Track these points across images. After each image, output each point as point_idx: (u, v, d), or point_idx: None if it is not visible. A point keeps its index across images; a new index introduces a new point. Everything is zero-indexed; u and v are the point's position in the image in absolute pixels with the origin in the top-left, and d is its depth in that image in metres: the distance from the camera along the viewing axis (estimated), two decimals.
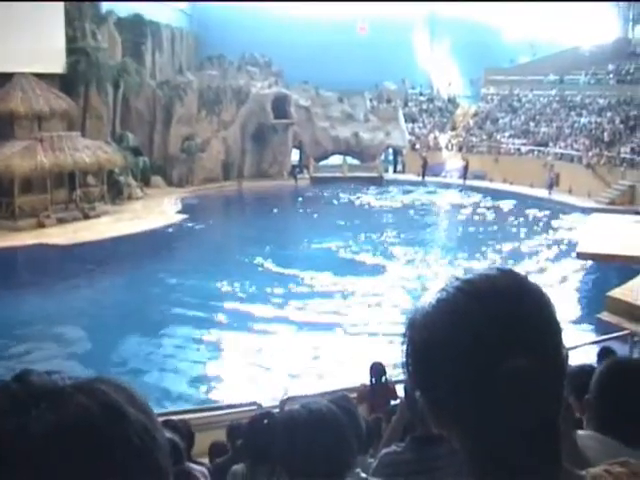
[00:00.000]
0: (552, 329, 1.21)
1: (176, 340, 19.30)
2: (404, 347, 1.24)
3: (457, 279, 1.24)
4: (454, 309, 1.19)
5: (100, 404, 0.89)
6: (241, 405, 10.60)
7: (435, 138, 53.90)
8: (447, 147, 53.11)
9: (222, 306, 21.93)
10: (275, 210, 39.58)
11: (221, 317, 21.17)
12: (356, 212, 38.95)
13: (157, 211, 36.92)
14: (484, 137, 51.90)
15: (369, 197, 44.77)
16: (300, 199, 43.28)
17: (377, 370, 9.79)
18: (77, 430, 0.86)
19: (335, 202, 39.13)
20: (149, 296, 23.13)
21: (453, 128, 55.45)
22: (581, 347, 11.76)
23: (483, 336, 1.15)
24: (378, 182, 49.66)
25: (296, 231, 34.53)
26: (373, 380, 9.78)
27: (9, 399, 0.88)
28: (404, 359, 1.24)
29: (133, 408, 0.91)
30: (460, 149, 51.93)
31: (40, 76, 36.20)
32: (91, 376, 0.92)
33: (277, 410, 7.49)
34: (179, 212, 37.29)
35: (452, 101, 58.88)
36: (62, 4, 37.42)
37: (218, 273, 25.44)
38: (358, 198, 44.00)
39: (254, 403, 10.05)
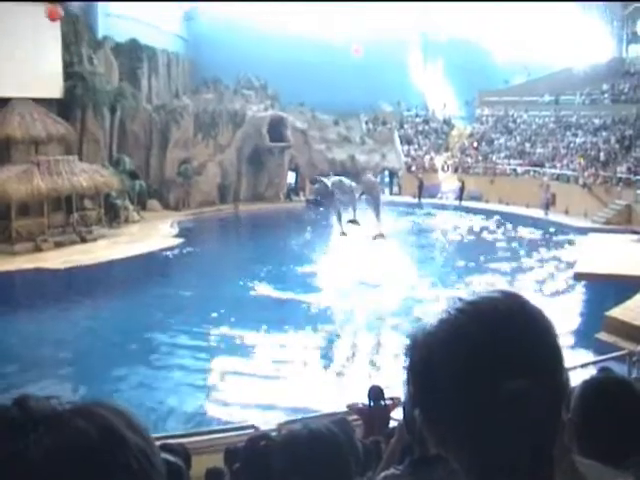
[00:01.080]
0: (553, 352, 1.22)
1: (171, 366, 19.13)
2: (405, 366, 1.26)
3: (459, 300, 1.25)
4: (455, 329, 1.21)
5: (98, 428, 0.89)
6: (238, 428, 10.69)
7: (431, 159, 54.07)
8: (443, 168, 53.22)
9: (219, 331, 21.72)
10: (272, 233, 39.32)
11: (218, 343, 20.98)
12: None
13: (154, 234, 36.84)
14: (479, 158, 51.97)
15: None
16: (296, 222, 42.79)
17: (375, 393, 9.87)
18: (75, 454, 0.86)
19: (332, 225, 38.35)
20: (145, 321, 23.00)
21: (448, 149, 55.55)
22: (579, 367, 11.77)
23: (483, 357, 1.17)
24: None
25: (293, 254, 34.02)
26: (371, 403, 9.84)
27: (7, 423, 0.88)
28: (404, 378, 1.26)
29: (131, 432, 0.92)
30: (456, 170, 51.98)
31: (37, 100, 36.33)
32: (88, 400, 0.92)
33: (275, 433, 7.47)
34: (176, 235, 37.19)
35: (447, 122, 58.83)
36: (59, 31, 37.53)
37: (215, 298, 25.28)
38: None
39: (251, 426, 10.11)
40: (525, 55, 57.22)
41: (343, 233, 30.77)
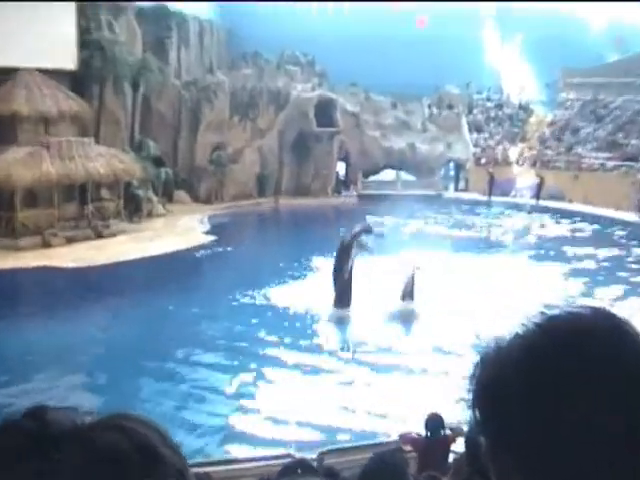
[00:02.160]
0: None
1: (193, 383, 18.69)
2: (471, 387, 1.26)
3: (541, 313, 1.25)
4: (530, 346, 1.21)
5: (133, 444, 0.91)
6: (272, 457, 10.66)
7: (504, 151, 53.25)
8: (518, 162, 52.51)
9: (250, 346, 21.14)
10: (317, 232, 38.39)
11: (249, 359, 20.30)
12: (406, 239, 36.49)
13: (181, 231, 36.72)
14: (562, 150, 51.18)
15: (423, 221, 43.46)
16: (346, 219, 39.97)
17: (434, 422, 9.75)
18: (109, 473, 0.89)
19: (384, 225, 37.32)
20: (165, 330, 22.61)
21: (525, 140, 54.83)
22: None
23: (563, 380, 1.16)
24: (437, 201, 49.19)
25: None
26: (428, 433, 9.74)
27: (25, 439, 0.91)
28: (470, 400, 1.26)
29: (167, 449, 0.94)
30: (533, 164, 51.31)
31: (48, 73, 35.95)
32: (112, 412, 0.95)
33: (315, 463, 7.74)
34: (207, 232, 37.11)
35: (524, 108, 57.93)
36: None
37: (248, 307, 24.82)
38: (414, 221, 42.60)
39: (288, 455, 10.05)
40: (620, 27, 56.27)
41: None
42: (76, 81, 37.97)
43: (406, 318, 23.31)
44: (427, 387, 18.07)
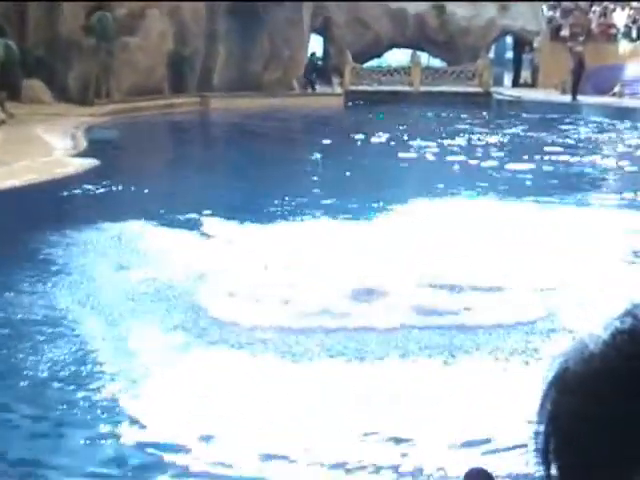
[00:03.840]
0: None
1: None
2: (542, 423, 1.15)
3: (631, 313, 1.14)
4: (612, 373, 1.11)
5: None
6: None
7: (603, 15, 48.89)
8: (627, 34, 48.02)
9: None
10: (269, 163, 31.97)
11: None
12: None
13: (33, 150, 31.16)
14: None
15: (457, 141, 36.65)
16: (321, 144, 35.16)
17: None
18: None
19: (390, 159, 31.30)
20: None
21: None
22: None
23: None
24: (482, 105, 44.43)
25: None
26: None
27: None
28: (541, 443, 1.15)
29: None
30: None
31: None
32: None
33: None
34: (78, 155, 31.05)
35: None
36: None
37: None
38: (440, 148, 35.00)
39: None
40: None
41: None
42: None
43: None
44: None
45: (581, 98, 44.71)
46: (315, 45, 49.13)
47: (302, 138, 40.10)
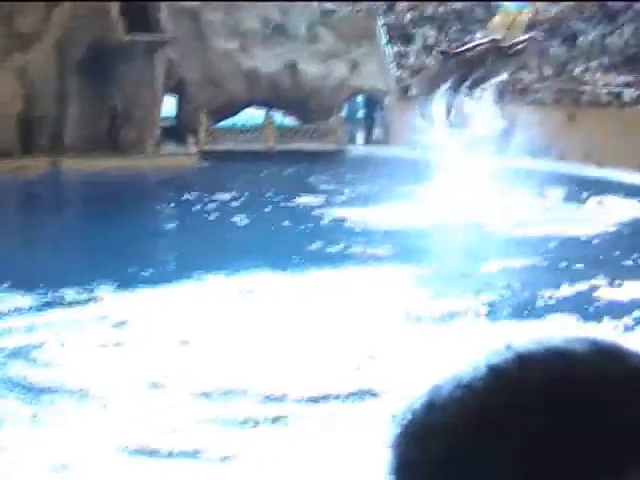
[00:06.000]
0: None
1: None
2: (390, 471, 1.07)
3: (507, 348, 1.07)
4: (481, 406, 1.04)
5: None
6: None
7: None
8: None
9: None
10: (122, 225, 30.85)
11: None
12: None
13: None
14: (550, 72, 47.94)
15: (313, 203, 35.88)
16: (171, 203, 37.04)
17: None
18: None
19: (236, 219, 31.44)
20: None
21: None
22: None
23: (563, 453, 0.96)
24: (336, 162, 44.96)
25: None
26: None
27: None
28: None
29: None
30: (499, 95, 44.00)
31: None
32: None
33: None
34: None
35: None
36: None
37: None
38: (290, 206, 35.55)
39: None
40: None
41: None
42: None
43: None
44: None
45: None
46: (170, 104, 49.06)
47: (146, 201, 39.00)
